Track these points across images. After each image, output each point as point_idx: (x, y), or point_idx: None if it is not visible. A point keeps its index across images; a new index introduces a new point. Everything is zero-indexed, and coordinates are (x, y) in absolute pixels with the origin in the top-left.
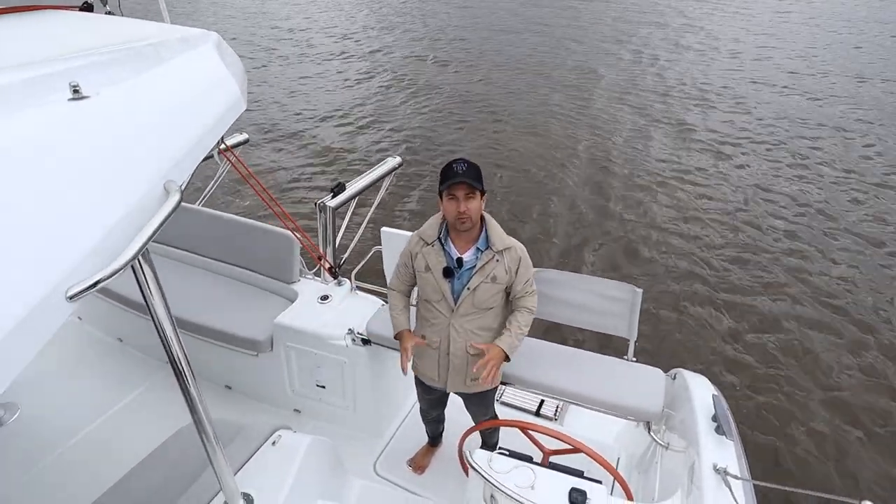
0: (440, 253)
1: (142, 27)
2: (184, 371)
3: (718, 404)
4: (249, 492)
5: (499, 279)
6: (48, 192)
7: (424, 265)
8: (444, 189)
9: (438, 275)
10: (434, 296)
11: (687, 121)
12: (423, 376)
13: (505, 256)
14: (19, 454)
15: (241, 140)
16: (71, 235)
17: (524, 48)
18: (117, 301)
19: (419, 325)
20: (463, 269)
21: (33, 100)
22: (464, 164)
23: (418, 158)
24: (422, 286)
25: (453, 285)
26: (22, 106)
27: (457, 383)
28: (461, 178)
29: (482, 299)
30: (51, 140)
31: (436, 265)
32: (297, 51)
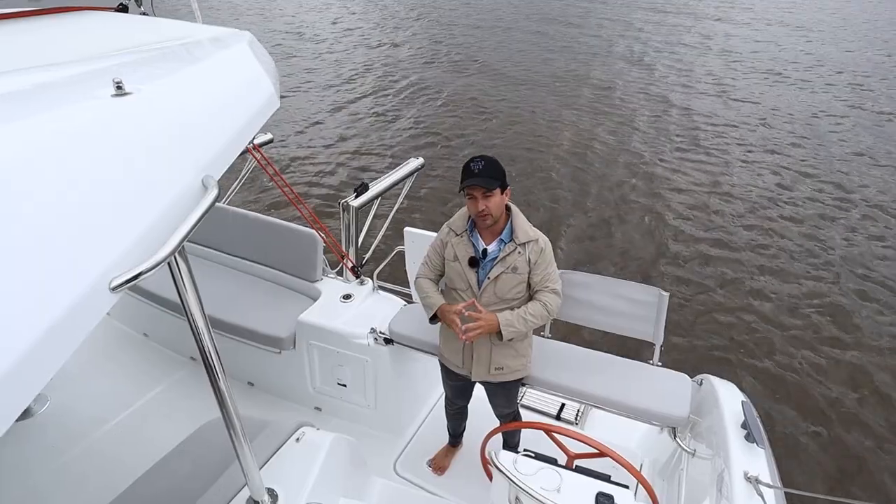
0: (468, 244)
1: (177, 27)
2: (214, 366)
3: (748, 411)
4: (274, 487)
5: (519, 270)
6: (93, 186)
7: (453, 254)
8: (463, 188)
9: (465, 264)
10: (461, 284)
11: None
12: (448, 362)
13: (527, 248)
14: (48, 444)
15: (267, 139)
16: (114, 228)
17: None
18: (145, 297)
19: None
20: (487, 259)
21: (79, 95)
22: (481, 163)
23: (443, 157)
24: (449, 275)
25: (478, 275)
26: (68, 101)
27: (481, 372)
28: (476, 180)
29: (504, 289)
30: (96, 135)
31: (463, 255)
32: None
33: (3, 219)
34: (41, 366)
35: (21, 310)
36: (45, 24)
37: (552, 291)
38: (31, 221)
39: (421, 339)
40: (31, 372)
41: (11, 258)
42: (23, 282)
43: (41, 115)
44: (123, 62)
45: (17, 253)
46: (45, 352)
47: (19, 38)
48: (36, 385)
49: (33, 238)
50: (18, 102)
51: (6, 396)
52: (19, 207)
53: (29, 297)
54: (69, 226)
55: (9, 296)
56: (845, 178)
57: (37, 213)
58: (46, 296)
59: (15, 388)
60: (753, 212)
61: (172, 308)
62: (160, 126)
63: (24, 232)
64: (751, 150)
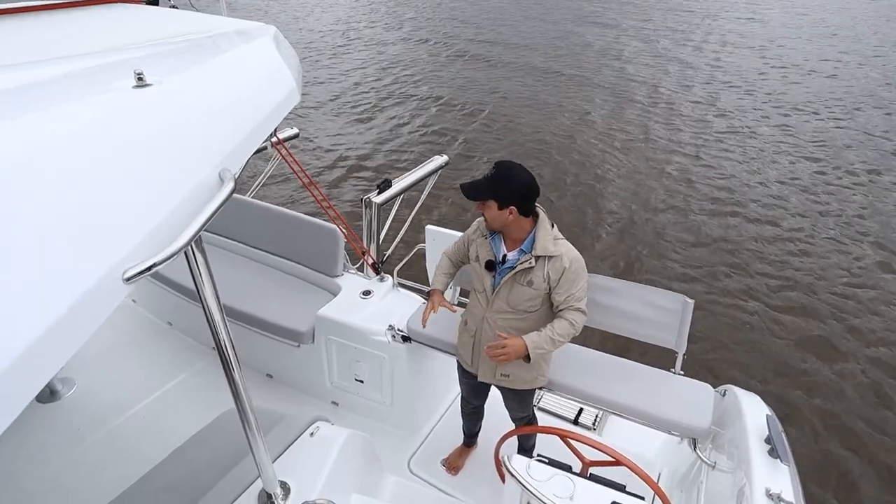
0: (489, 247)
1: (203, 20)
2: (229, 358)
3: (773, 425)
4: (287, 480)
5: (535, 284)
6: (110, 176)
7: (475, 254)
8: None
9: (482, 266)
10: (477, 285)
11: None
12: (459, 358)
13: (546, 264)
14: (73, 427)
15: (292, 134)
16: (129, 219)
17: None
18: (169, 286)
19: (466, 309)
20: (504, 266)
21: (100, 86)
22: (490, 171)
23: (467, 155)
24: (470, 273)
25: (494, 280)
26: (90, 91)
27: (486, 373)
28: (464, 186)
29: (517, 300)
30: (115, 125)
31: (483, 257)
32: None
33: (23, 207)
34: (55, 351)
35: (37, 296)
36: (75, 17)
37: (578, 310)
38: (48, 210)
39: (439, 337)
40: (45, 356)
41: (29, 246)
42: (39, 269)
43: (62, 105)
44: (147, 54)
45: (34, 241)
46: (59, 338)
47: (50, 30)
48: (50, 369)
49: (50, 226)
50: (41, 92)
51: (21, 379)
52: (38, 197)
53: (45, 284)
54: (85, 216)
55: (25, 282)
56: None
57: (54, 202)
58: (62, 284)
59: (29, 371)
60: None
61: (195, 298)
62: (179, 118)
63: (42, 220)
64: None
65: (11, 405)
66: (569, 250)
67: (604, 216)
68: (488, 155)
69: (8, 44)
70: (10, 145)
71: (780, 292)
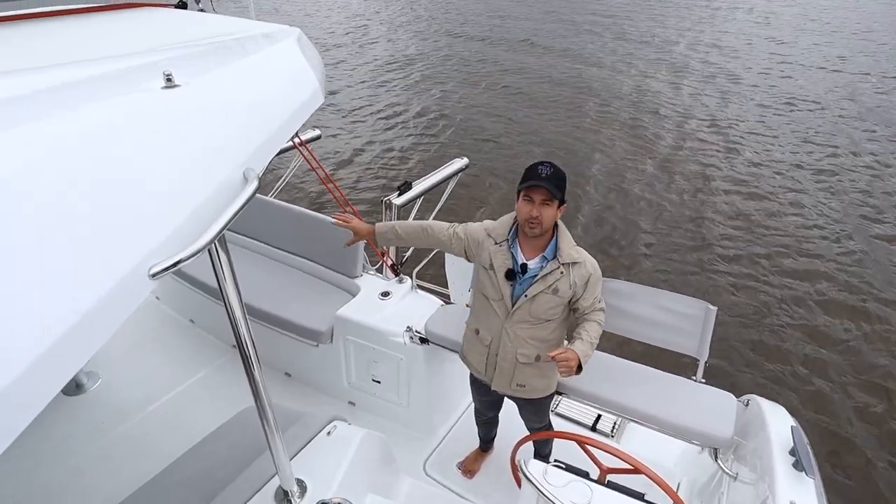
0: (507, 255)
1: (230, 23)
2: (250, 355)
3: (798, 437)
4: (303, 478)
5: (560, 292)
6: (139, 174)
7: (489, 262)
8: (523, 188)
9: (501, 276)
10: (493, 294)
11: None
12: (470, 367)
13: (571, 270)
14: (97, 420)
15: (314, 136)
16: (156, 216)
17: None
18: (191, 284)
19: (473, 317)
20: (526, 275)
21: (131, 87)
22: (549, 168)
23: (488, 159)
24: (482, 281)
25: (514, 289)
26: (120, 92)
27: (502, 385)
28: (541, 183)
29: (540, 309)
30: (144, 125)
31: (500, 266)
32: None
33: (53, 203)
34: (83, 344)
35: (66, 290)
36: (105, 20)
37: (601, 310)
38: (78, 207)
39: (457, 340)
40: (73, 349)
41: (59, 241)
42: (68, 264)
43: (94, 104)
44: (175, 56)
45: (64, 236)
46: (86, 331)
47: (80, 33)
48: (77, 362)
49: (80, 222)
50: (73, 92)
51: (50, 371)
52: (68, 193)
53: (74, 278)
54: (114, 212)
55: (55, 277)
56: None
57: (84, 199)
58: (90, 278)
59: (58, 363)
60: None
61: (216, 296)
62: (206, 118)
63: (72, 216)
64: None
65: (40, 396)
66: (587, 255)
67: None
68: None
69: (42, 47)
70: (44, 143)
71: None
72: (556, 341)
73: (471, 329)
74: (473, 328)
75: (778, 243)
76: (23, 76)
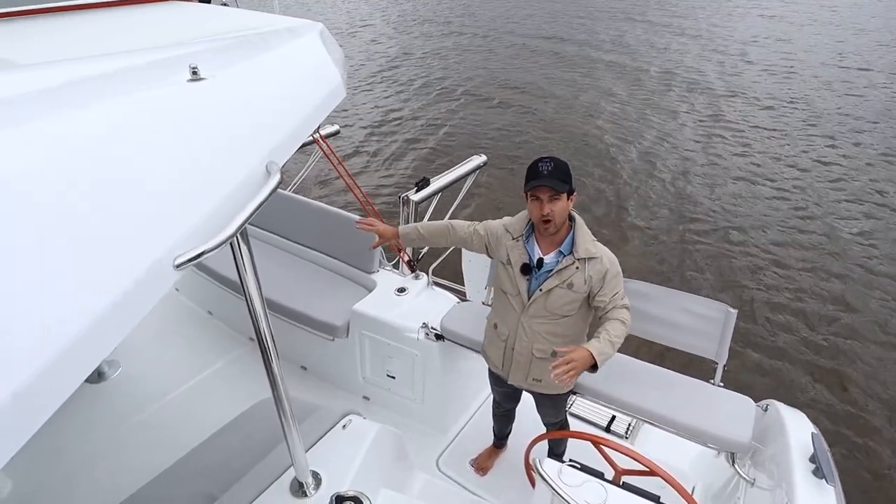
0: (522, 250)
1: (253, 17)
2: (268, 347)
3: (818, 444)
4: (318, 470)
5: (576, 287)
6: (164, 166)
7: (506, 257)
8: (528, 189)
9: (517, 271)
10: (510, 289)
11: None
12: (488, 360)
13: (587, 265)
14: (117, 408)
15: (333, 131)
16: (181, 208)
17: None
18: (210, 276)
19: (493, 312)
20: (542, 270)
21: (158, 79)
22: (549, 164)
23: (508, 155)
24: (500, 277)
25: (530, 284)
26: (148, 85)
27: (518, 378)
28: (545, 182)
29: (556, 304)
30: (171, 117)
31: (516, 261)
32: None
33: (82, 194)
34: (108, 333)
35: (91, 280)
36: (132, 14)
37: (624, 307)
38: (106, 197)
39: (472, 337)
40: (98, 338)
41: (86, 231)
42: (94, 254)
43: (122, 97)
44: (200, 49)
45: (92, 226)
46: (112, 320)
47: (108, 26)
48: (103, 350)
49: (107, 213)
50: (102, 84)
51: (77, 359)
52: (96, 183)
53: (101, 268)
54: (140, 203)
55: (81, 266)
56: None
57: (112, 189)
58: (117, 268)
59: (84, 352)
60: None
61: (235, 289)
62: (230, 111)
63: (100, 206)
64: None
65: (68, 383)
66: (605, 251)
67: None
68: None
69: (72, 39)
70: (73, 134)
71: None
72: (574, 338)
73: (490, 323)
74: (492, 322)
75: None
76: (54, 67)
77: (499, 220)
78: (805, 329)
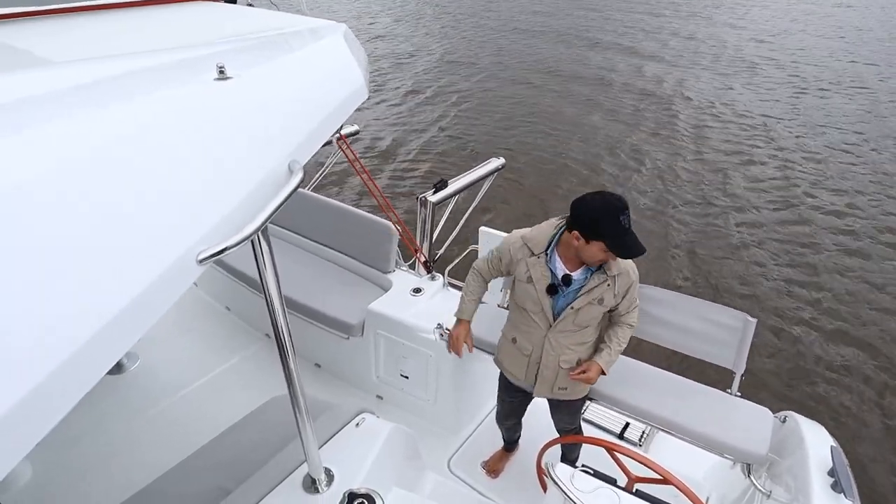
0: (544, 267)
1: (278, 18)
2: (285, 344)
3: (837, 458)
4: (331, 467)
5: (605, 302)
6: (190, 162)
7: (527, 275)
8: (607, 247)
9: (542, 290)
10: (533, 307)
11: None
12: (508, 373)
13: (617, 281)
14: (134, 399)
15: (353, 131)
16: (205, 204)
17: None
18: (229, 273)
19: (510, 326)
20: (570, 287)
21: (186, 78)
22: (628, 217)
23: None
24: (520, 294)
25: (556, 301)
26: (176, 83)
27: (543, 391)
28: (639, 250)
29: (584, 319)
30: (198, 115)
31: (539, 279)
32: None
33: (110, 189)
34: (132, 325)
35: (118, 273)
36: (159, 13)
37: (634, 310)
38: (131, 193)
39: (486, 339)
40: (122, 330)
41: (111, 226)
42: (121, 248)
43: (151, 94)
44: (227, 49)
45: (118, 221)
46: (136, 313)
47: (135, 26)
48: (127, 341)
49: (133, 208)
50: (131, 82)
51: (101, 350)
52: (124, 180)
53: (126, 262)
54: (166, 199)
55: (109, 259)
56: None
57: (139, 185)
58: (142, 262)
59: (108, 343)
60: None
61: (252, 285)
62: (255, 110)
63: (126, 202)
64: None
65: (91, 374)
66: (629, 262)
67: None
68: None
69: (99, 37)
70: (103, 131)
71: None
72: (595, 342)
73: (507, 338)
74: (510, 337)
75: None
76: (84, 65)
77: (513, 236)
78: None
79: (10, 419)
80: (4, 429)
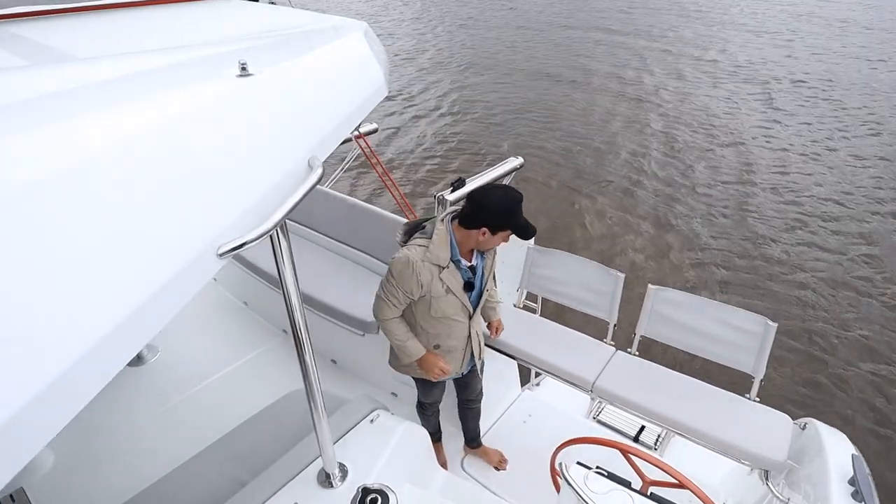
0: (455, 272)
1: (299, 16)
2: (302, 340)
3: (858, 466)
4: (345, 462)
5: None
6: (212, 157)
7: (443, 289)
8: (512, 232)
9: (460, 292)
10: (455, 312)
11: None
12: (443, 378)
13: (496, 249)
14: (153, 391)
15: (371, 129)
16: (225, 199)
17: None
18: (248, 268)
19: (428, 338)
20: (476, 276)
21: (209, 74)
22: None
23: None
24: (439, 308)
25: (471, 295)
26: (199, 79)
27: (470, 361)
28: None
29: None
30: (220, 111)
31: (455, 285)
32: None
33: (134, 183)
34: (153, 317)
35: (141, 265)
36: (181, 11)
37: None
38: (154, 187)
39: (501, 339)
40: (143, 322)
41: (133, 220)
42: (144, 240)
43: (174, 90)
44: (249, 46)
45: (139, 215)
46: (157, 304)
47: (158, 23)
48: (148, 333)
49: (156, 202)
50: (155, 78)
51: (124, 340)
52: (147, 174)
53: (148, 254)
54: (187, 193)
55: (131, 251)
56: None
57: (161, 179)
58: (164, 255)
59: (130, 334)
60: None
61: (271, 281)
62: (277, 106)
63: (150, 196)
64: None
65: (113, 364)
66: None
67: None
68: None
69: (124, 34)
70: (128, 125)
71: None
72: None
73: (430, 348)
74: (430, 346)
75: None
76: (110, 62)
77: (405, 262)
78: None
79: (33, 408)
80: (28, 417)
